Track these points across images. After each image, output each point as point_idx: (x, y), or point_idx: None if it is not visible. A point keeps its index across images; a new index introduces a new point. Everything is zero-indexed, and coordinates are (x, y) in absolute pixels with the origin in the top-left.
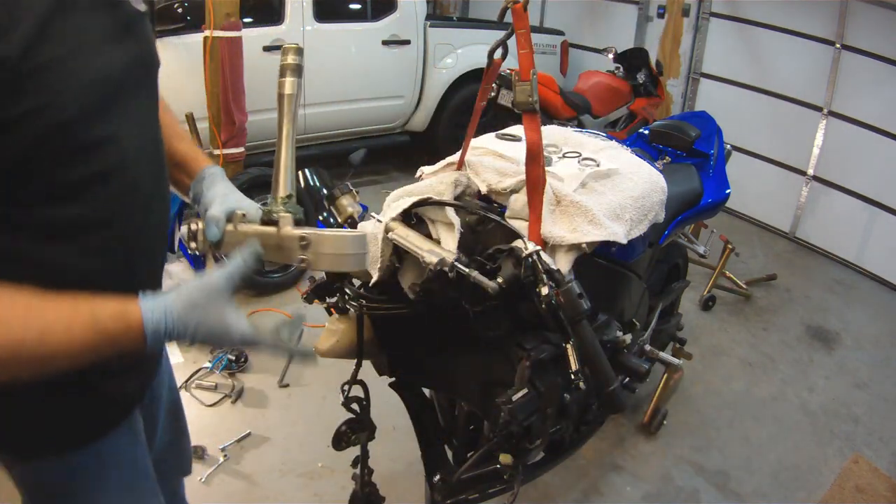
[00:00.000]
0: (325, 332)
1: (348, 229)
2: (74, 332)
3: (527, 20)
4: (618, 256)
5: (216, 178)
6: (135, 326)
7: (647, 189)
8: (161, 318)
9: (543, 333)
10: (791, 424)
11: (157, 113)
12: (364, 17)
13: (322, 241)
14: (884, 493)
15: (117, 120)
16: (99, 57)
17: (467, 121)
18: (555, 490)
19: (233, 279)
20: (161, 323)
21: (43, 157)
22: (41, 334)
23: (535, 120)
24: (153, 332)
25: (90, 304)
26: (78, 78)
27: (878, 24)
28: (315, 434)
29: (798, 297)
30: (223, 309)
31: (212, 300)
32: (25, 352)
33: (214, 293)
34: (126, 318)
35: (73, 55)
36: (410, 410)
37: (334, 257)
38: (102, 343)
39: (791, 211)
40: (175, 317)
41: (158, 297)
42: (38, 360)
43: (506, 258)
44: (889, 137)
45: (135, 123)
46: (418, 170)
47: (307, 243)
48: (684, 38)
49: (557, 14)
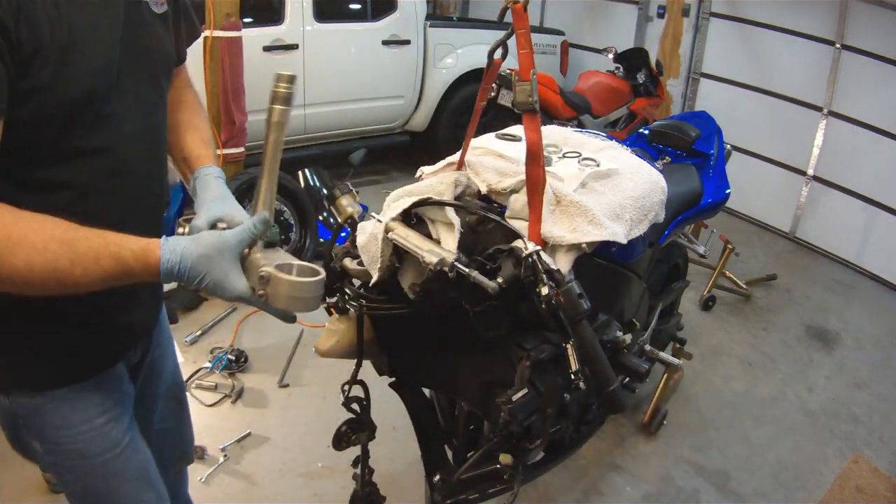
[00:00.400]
0: (325, 332)
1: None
2: (101, 262)
3: (527, 20)
4: (618, 256)
5: (209, 179)
6: (153, 265)
7: (647, 189)
8: (176, 262)
9: (543, 333)
10: (791, 424)
11: (160, 104)
12: (364, 17)
13: (279, 283)
14: (884, 493)
15: (114, 105)
16: (104, 49)
17: (467, 121)
18: (555, 490)
19: (242, 241)
20: (175, 266)
21: (47, 128)
22: (71, 263)
23: (535, 120)
24: (167, 271)
25: (118, 241)
26: (84, 64)
27: (878, 24)
28: (315, 434)
29: (798, 297)
30: (228, 265)
31: (221, 256)
32: (56, 277)
33: (224, 250)
34: (146, 258)
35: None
36: (410, 410)
37: (289, 299)
38: (122, 274)
39: (791, 211)
40: (188, 264)
41: (178, 242)
42: (69, 282)
43: (506, 258)
44: (889, 137)
45: (133, 111)
46: (418, 170)
47: (266, 279)
48: (684, 38)
49: (557, 14)
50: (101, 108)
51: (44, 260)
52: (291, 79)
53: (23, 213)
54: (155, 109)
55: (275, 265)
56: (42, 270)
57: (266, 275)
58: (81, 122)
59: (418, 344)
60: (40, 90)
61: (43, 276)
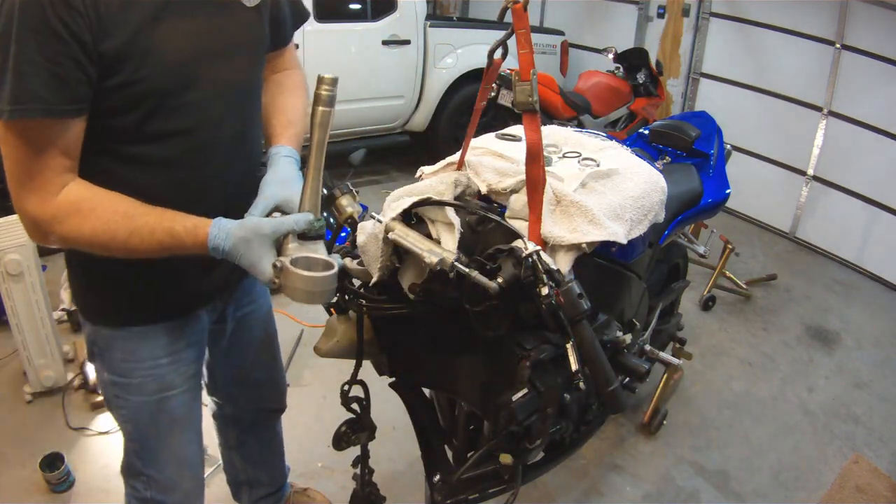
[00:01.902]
0: (325, 332)
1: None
2: (155, 235)
3: (527, 20)
4: (618, 256)
5: (278, 158)
6: (201, 241)
7: (647, 189)
8: (221, 242)
9: (543, 333)
10: (791, 424)
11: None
12: (364, 17)
13: (289, 275)
14: (884, 493)
15: (192, 95)
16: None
17: (467, 121)
18: (555, 490)
19: (278, 231)
20: (220, 245)
21: (133, 114)
22: (129, 234)
23: (535, 120)
24: (213, 248)
25: (172, 218)
26: (159, 65)
27: (878, 24)
28: (315, 434)
29: (798, 297)
30: (261, 250)
31: (257, 241)
32: (116, 244)
33: (261, 237)
34: (196, 234)
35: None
36: (410, 410)
37: (299, 291)
38: (176, 246)
39: (791, 211)
40: (230, 245)
41: (225, 224)
42: (127, 249)
43: (506, 258)
44: (889, 137)
45: (212, 99)
46: (418, 170)
47: (280, 269)
48: (684, 38)
49: (557, 14)
50: (179, 98)
51: (106, 230)
52: (334, 81)
53: (97, 190)
54: (240, 91)
55: (292, 257)
56: (103, 238)
57: (280, 265)
58: (162, 109)
59: (418, 344)
60: (123, 86)
61: (104, 243)
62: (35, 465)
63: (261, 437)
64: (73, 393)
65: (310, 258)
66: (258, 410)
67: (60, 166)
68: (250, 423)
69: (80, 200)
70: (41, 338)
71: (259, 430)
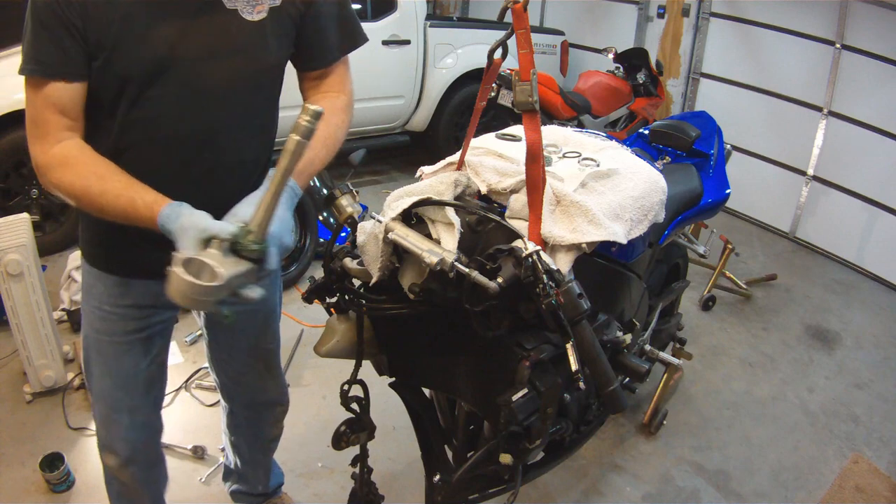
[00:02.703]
0: (325, 332)
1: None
2: (119, 200)
3: (527, 20)
4: (618, 256)
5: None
6: (154, 217)
7: (647, 189)
8: (168, 222)
9: (543, 333)
10: (791, 424)
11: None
12: (364, 17)
13: (170, 273)
14: (884, 493)
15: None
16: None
17: (467, 121)
18: (555, 490)
19: (206, 232)
20: (167, 225)
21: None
22: (100, 193)
23: (535, 120)
24: (160, 225)
25: (137, 189)
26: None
27: (878, 24)
28: (315, 434)
29: (798, 297)
30: (188, 243)
31: (191, 232)
32: (87, 199)
33: (195, 230)
34: (152, 210)
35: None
36: (410, 410)
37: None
38: (133, 215)
39: (791, 211)
40: (175, 226)
41: (178, 209)
42: (95, 207)
43: (506, 258)
44: (889, 137)
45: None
46: (418, 170)
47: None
48: (684, 38)
49: (557, 14)
50: (144, 91)
51: (82, 185)
52: (317, 115)
53: (87, 151)
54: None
55: (186, 257)
56: (79, 192)
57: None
58: (126, 98)
59: (418, 344)
60: (99, 70)
61: (78, 196)
62: (35, 465)
63: (252, 438)
64: (73, 393)
65: (205, 264)
66: (252, 412)
67: (59, 123)
68: (245, 420)
69: (68, 155)
70: (41, 338)
71: (252, 430)
